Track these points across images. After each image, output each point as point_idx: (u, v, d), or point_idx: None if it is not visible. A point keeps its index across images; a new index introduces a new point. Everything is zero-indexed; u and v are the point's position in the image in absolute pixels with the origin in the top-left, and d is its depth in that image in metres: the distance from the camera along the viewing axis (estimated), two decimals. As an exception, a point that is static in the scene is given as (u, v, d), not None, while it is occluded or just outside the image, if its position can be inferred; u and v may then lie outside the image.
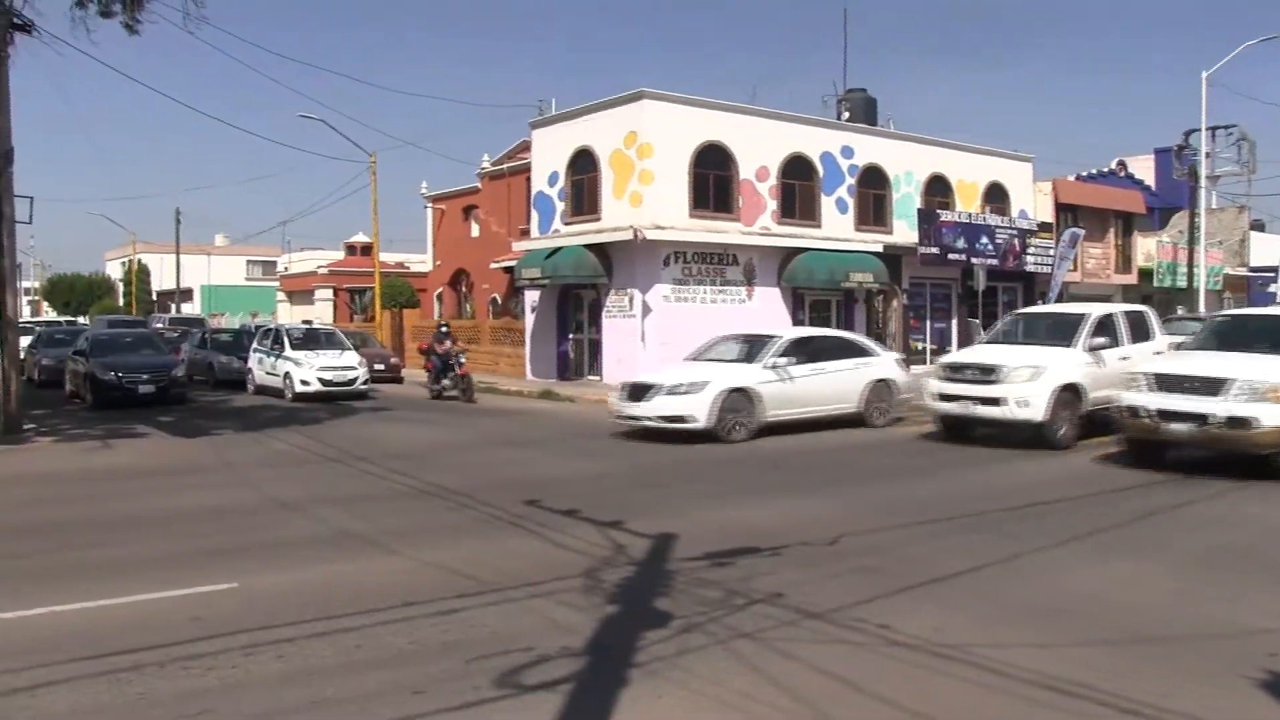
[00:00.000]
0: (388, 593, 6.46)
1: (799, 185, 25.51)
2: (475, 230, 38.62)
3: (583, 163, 24.58)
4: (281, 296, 56.26)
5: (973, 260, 26.15)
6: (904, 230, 27.31)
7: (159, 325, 37.86)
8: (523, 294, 27.87)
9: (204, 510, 9.60)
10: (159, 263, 65.93)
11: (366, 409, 20.44)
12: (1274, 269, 34.22)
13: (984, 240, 27.41)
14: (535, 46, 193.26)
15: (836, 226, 26.11)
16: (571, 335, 25.85)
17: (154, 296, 67.77)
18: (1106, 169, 36.68)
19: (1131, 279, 35.04)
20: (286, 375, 22.56)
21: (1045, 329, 15.13)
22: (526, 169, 29.03)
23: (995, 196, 30.47)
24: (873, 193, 27.21)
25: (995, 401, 13.60)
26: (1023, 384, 13.42)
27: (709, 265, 23.83)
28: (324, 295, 49.08)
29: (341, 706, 4.65)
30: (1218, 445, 11.16)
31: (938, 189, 28.78)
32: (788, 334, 16.53)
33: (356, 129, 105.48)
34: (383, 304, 36.84)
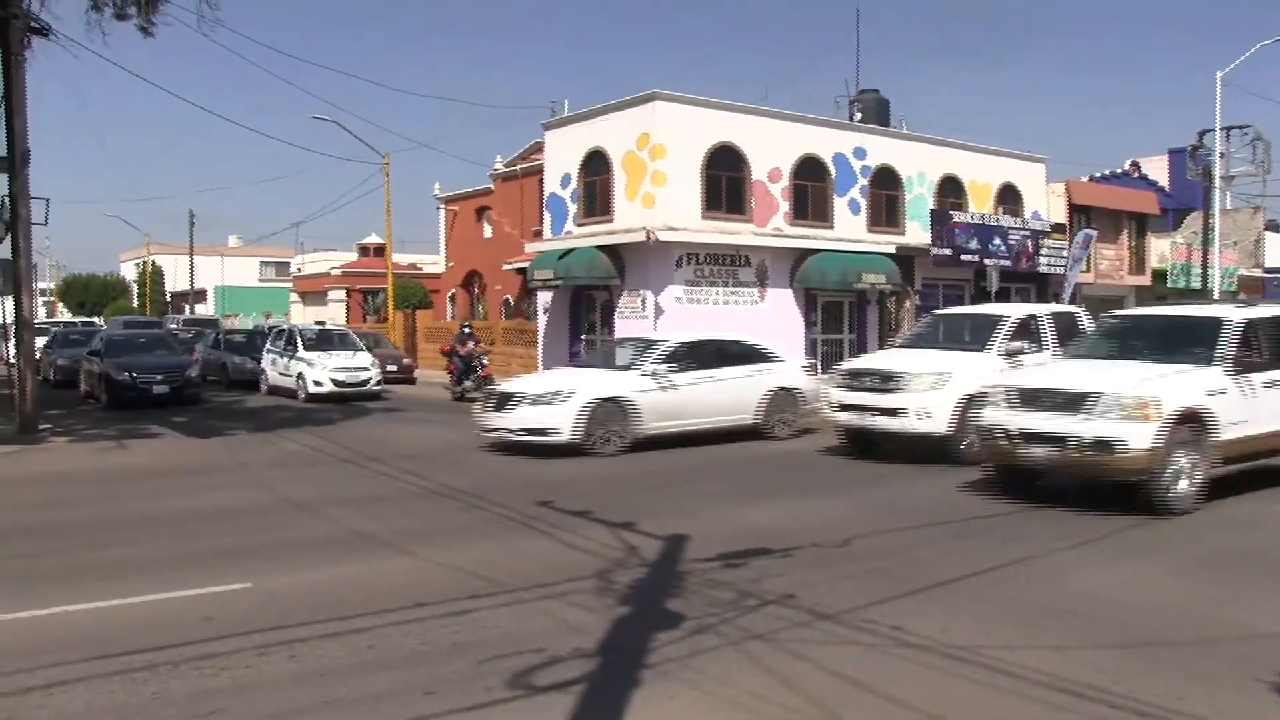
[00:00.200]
0: (400, 593, 6.47)
1: (811, 186, 25.42)
2: (488, 231, 38.69)
3: (595, 164, 24.58)
4: (295, 297, 56.48)
5: (986, 261, 26.00)
6: (916, 231, 27.19)
7: (173, 326, 38.03)
8: (535, 295, 27.89)
9: (217, 510, 9.65)
10: (173, 264, 66.42)
11: (379, 410, 20.52)
12: (1289, 270, 34.01)
13: (997, 241, 27.27)
14: (537, 47, 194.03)
15: (849, 227, 26.02)
16: (584, 336, 25.83)
17: (168, 297, 68.22)
18: (1120, 170, 36.42)
19: (1145, 280, 34.82)
20: (300, 376, 22.67)
21: (964, 332, 13.71)
22: (539, 170, 29.04)
23: (1008, 198, 30.29)
24: (885, 194, 27.09)
25: (894, 412, 12.24)
26: (924, 392, 12.11)
27: (721, 267, 23.78)
28: (337, 296, 49.23)
29: (353, 707, 4.66)
30: (1080, 472, 9.45)
31: (950, 190, 28.64)
32: (675, 338, 15.13)
33: (369, 130, 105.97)
34: (395, 305, 36.95)
